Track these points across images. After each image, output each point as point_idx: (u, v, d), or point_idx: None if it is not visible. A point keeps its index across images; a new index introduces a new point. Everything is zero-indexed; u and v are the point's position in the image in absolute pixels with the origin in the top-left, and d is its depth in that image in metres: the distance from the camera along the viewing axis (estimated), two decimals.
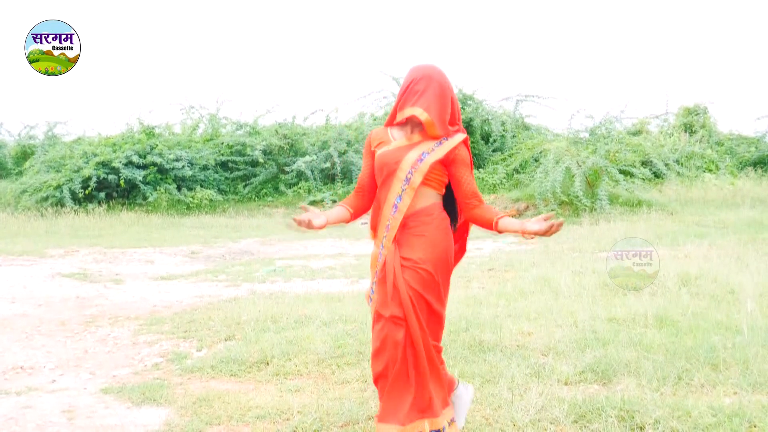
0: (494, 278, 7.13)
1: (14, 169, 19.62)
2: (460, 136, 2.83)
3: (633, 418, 3.16)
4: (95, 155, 16.11)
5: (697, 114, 20.25)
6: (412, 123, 2.85)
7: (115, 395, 3.81)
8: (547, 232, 2.60)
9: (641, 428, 3.09)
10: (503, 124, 18.61)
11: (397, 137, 2.88)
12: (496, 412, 3.33)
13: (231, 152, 18.08)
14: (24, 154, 19.80)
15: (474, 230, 3.07)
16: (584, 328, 4.68)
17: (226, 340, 4.86)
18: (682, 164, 17.32)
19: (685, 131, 19.73)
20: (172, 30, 41.10)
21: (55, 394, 3.88)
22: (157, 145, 16.77)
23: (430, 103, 2.77)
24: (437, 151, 2.78)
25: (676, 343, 4.26)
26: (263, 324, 5.10)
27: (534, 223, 2.62)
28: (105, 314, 5.98)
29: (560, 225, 2.59)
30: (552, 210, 13.76)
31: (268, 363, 4.19)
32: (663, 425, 3.07)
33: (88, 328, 5.48)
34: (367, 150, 2.97)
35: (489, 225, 2.76)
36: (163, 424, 3.34)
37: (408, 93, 2.81)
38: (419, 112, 2.76)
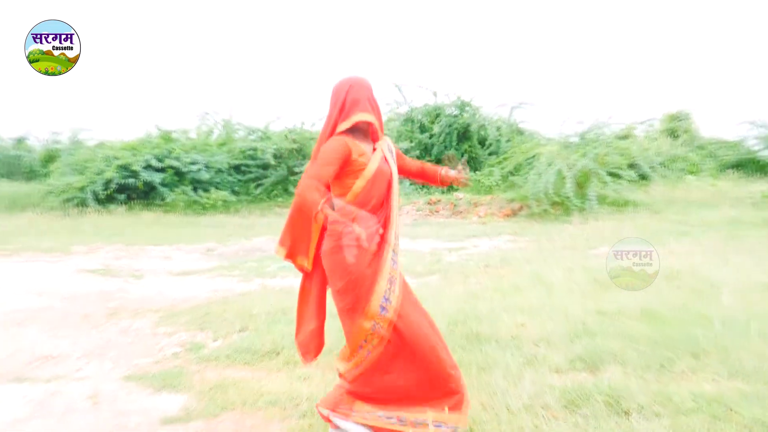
0: (490, 274, 7.13)
1: (41, 171, 19.67)
2: (388, 138, 2.94)
3: (619, 403, 3.18)
4: (116, 159, 16.10)
5: (680, 120, 20.22)
6: (359, 132, 2.80)
7: (136, 382, 3.84)
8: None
9: (627, 413, 3.11)
10: (498, 129, 18.64)
11: (366, 148, 2.81)
12: (492, 398, 3.34)
13: (243, 156, 18.08)
14: (50, 158, 19.84)
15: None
16: (575, 321, 4.69)
17: (239, 331, 4.89)
18: (666, 167, 17.26)
19: (669, 136, 19.69)
20: (185, 40, 41.15)
21: (80, 381, 3.91)
22: (174, 150, 16.78)
23: (373, 109, 2.80)
24: (394, 159, 2.92)
25: (659, 334, 4.26)
26: (274, 316, 5.13)
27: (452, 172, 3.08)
28: (126, 307, 6.01)
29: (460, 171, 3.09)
30: (544, 210, 13.72)
31: (278, 353, 4.22)
32: (647, 410, 3.09)
33: (110, 320, 5.51)
34: (345, 155, 2.69)
35: (434, 176, 3.10)
36: (181, 409, 3.37)
37: (349, 101, 2.75)
38: (372, 119, 2.78)
